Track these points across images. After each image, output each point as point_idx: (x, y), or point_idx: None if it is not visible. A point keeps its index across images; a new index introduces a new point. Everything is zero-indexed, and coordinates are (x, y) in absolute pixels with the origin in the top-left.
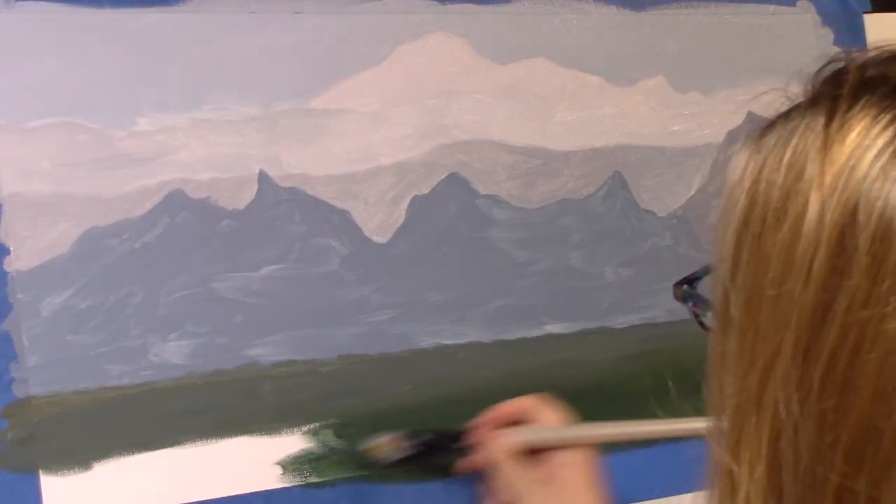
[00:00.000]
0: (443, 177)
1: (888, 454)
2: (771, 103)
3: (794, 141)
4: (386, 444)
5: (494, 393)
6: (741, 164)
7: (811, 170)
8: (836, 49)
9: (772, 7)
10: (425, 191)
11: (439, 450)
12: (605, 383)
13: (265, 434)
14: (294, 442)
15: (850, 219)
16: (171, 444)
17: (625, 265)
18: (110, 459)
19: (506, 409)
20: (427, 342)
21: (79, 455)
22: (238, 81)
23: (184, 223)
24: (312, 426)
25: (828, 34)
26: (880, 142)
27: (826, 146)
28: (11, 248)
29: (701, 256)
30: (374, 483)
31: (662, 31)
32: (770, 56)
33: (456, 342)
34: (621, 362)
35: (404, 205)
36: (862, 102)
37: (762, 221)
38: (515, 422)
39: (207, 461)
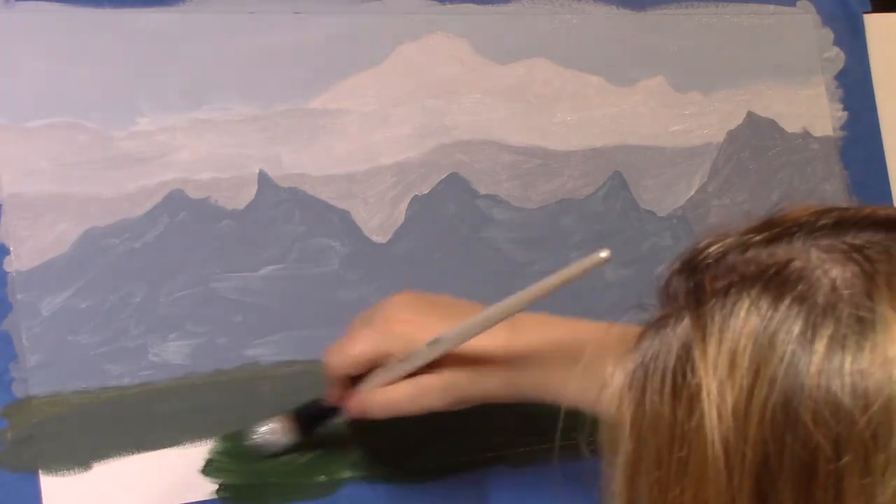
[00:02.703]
0: (443, 177)
1: None
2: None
3: (673, 363)
4: (273, 433)
5: None
6: (616, 394)
7: (707, 390)
8: (836, 49)
9: (772, 7)
10: (425, 191)
11: (321, 420)
12: None
13: None
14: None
15: (780, 428)
16: (171, 444)
17: (625, 265)
18: (110, 459)
19: (345, 367)
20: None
21: (79, 455)
22: (238, 81)
23: (184, 223)
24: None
25: (828, 34)
26: (783, 329)
27: (718, 359)
28: (11, 248)
29: None
30: (376, 483)
31: (662, 31)
32: (770, 56)
33: None
34: None
35: (404, 205)
36: (731, 302)
37: (657, 466)
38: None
39: None
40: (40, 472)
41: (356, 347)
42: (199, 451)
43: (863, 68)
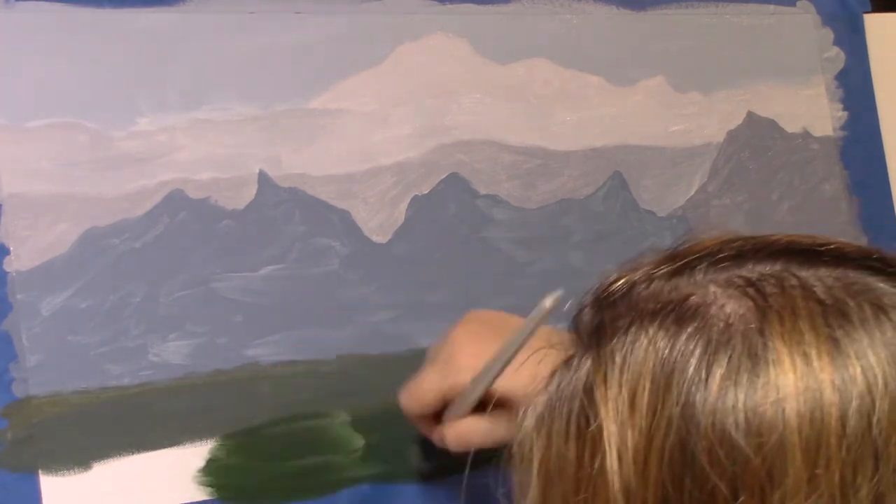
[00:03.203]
0: (443, 177)
1: None
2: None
3: (577, 405)
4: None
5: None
6: (526, 435)
7: (608, 432)
8: (836, 49)
9: (772, 7)
10: (425, 191)
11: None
12: None
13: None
14: None
15: (678, 470)
16: (171, 444)
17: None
18: (110, 459)
19: (418, 409)
20: (427, 342)
21: (79, 455)
22: (238, 81)
23: (184, 223)
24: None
25: (828, 34)
26: (678, 367)
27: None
28: (11, 248)
29: None
30: (376, 483)
31: (662, 31)
32: (770, 56)
33: None
34: None
35: (404, 205)
36: (630, 340)
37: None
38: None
39: None
40: (40, 472)
41: (422, 389)
42: (199, 451)
43: (863, 68)
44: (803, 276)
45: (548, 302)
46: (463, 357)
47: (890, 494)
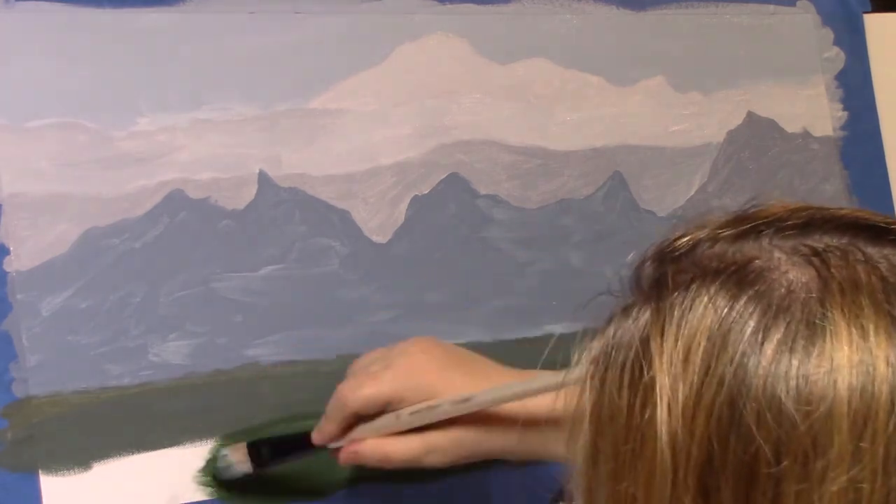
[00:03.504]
0: (443, 177)
1: None
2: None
3: (632, 355)
4: (235, 456)
5: None
6: (579, 381)
7: (660, 385)
8: (836, 49)
9: (772, 7)
10: (425, 191)
11: (288, 455)
12: None
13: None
14: None
15: (725, 428)
16: (171, 444)
17: (625, 265)
18: (110, 459)
19: (357, 406)
20: None
21: (79, 455)
22: (238, 81)
23: (184, 223)
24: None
25: (828, 34)
26: (736, 328)
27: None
28: (11, 248)
29: None
30: (376, 483)
31: (662, 31)
32: (770, 56)
33: (456, 342)
34: None
35: (404, 205)
36: (691, 296)
37: (613, 457)
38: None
39: None
40: (40, 472)
41: (374, 388)
42: (199, 451)
43: (863, 68)
44: (869, 251)
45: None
46: (423, 375)
47: None
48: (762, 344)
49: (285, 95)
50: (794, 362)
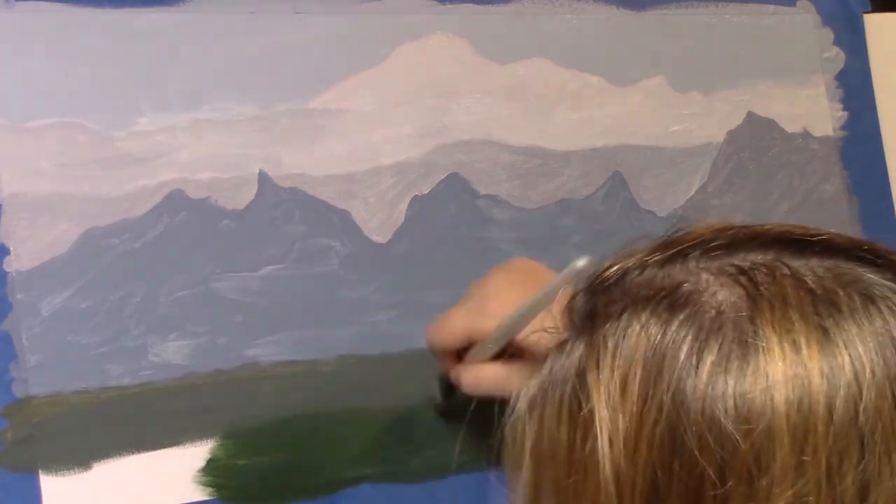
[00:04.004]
0: (443, 177)
1: None
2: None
3: (569, 389)
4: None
5: None
6: (518, 419)
7: (599, 416)
8: (836, 49)
9: (772, 7)
10: (425, 191)
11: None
12: None
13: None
14: None
15: (668, 455)
16: (171, 444)
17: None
18: (110, 459)
19: (442, 344)
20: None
21: (79, 455)
22: (238, 81)
23: (184, 223)
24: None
25: (828, 34)
26: (670, 354)
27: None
28: (11, 248)
29: None
30: (376, 483)
31: (662, 31)
32: (770, 56)
33: None
34: None
35: (404, 205)
36: (623, 326)
37: (555, 492)
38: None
39: None
40: (40, 472)
41: (450, 325)
42: (199, 451)
43: (863, 68)
44: (794, 265)
45: (580, 262)
46: (495, 303)
47: (875, 482)
48: (697, 367)
49: (285, 95)
50: (731, 382)
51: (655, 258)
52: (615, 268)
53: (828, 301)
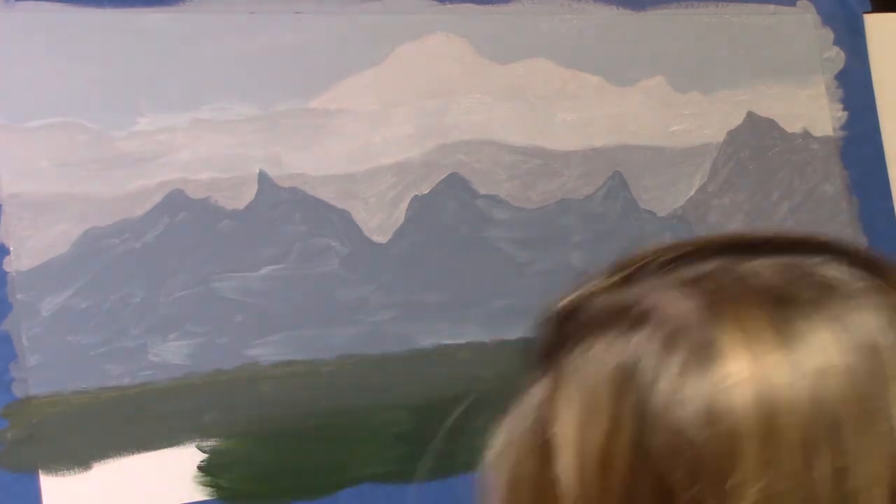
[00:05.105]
0: (443, 177)
1: None
2: None
3: (535, 418)
4: None
5: (494, 393)
6: (492, 458)
7: (565, 439)
8: (836, 49)
9: (772, 7)
10: (425, 191)
11: None
12: None
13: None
14: None
15: (638, 466)
16: (171, 444)
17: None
18: (110, 459)
19: None
20: (427, 342)
21: (79, 455)
22: (238, 81)
23: (184, 223)
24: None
25: (828, 34)
26: (634, 369)
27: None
28: (11, 248)
29: None
30: (376, 483)
31: (662, 31)
32: (770, 56)
33: (456, 342)
34: None
35: (404, 205)
36: (585, 352)
37: None
38: None
39: None
40: (40, 472)
41: None
42: (198, 452)
43: (863, 68)
44: (744, 267)
45: None
46: None
47: (853, 465)
48: (660, 379)
49: (285, 95)
50: (693, 387)
51: (609, 282)
52: (571, 298)
53: (782, 296)
